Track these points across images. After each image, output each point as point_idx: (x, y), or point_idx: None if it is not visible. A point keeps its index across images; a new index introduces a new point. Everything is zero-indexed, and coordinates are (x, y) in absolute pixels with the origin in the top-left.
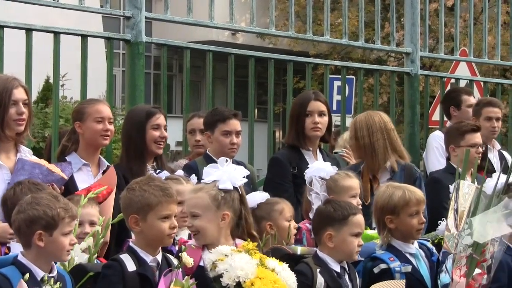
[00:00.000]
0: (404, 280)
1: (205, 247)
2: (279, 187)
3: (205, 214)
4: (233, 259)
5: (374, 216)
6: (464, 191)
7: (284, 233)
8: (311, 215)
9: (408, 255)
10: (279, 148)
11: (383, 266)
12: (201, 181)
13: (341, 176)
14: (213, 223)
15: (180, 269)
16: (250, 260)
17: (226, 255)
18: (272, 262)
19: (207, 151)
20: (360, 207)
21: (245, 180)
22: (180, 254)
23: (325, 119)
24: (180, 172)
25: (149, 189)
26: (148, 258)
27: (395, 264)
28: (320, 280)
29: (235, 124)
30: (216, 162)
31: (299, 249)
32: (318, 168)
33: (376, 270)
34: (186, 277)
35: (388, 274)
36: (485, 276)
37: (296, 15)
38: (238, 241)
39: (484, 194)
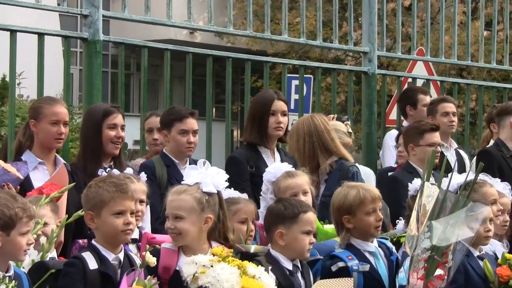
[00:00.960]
0: (352, 279)
1: (180, 249)
2: (237, 186)
3: (189, 216)
4: (215, 271)
5: (332, 217)
6: (427, 193)
7: (236, 233)
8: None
9: (367, 254)
10: (237, 147)
11: (341, 264)
12: (182, 182)
13: (283, 176)
14: (196, 226)
15: (143, 269)
16: (231, 269)
17: (205, 265)
18: (252, 268)
19: (164, 150)
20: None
21: (227, 184)
22: (143, 253)
23: (286, 119)
24: (129, 170)
25: (103, 185)
26: (110, 256)
27: (353, 263)
28: (272, 277)
29: (192, 123)
30: (172, 161)
31: (252, 248)
32: (268, 172)
33: (334, 268)
34: (149, 276)
35: (345, 273)
36: (445, 278)
37: (254, 14)
38: (214, 243)
39: (449, 196)
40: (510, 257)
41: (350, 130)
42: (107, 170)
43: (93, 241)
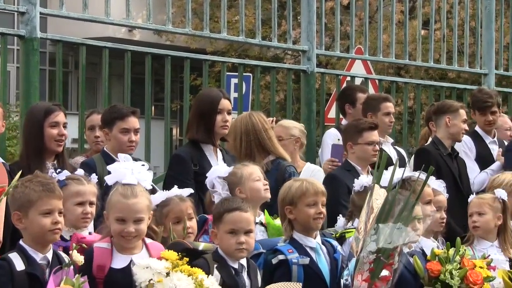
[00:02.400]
0: (300, 284)
1: (113, 247)
2: (181, 185)
3: (146, 217)
4: (173, 281)
5: (279, 209)
6: (376, 196)
7: (169, 235)
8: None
9: (308, 249)
10: (176, 145)
11: (281, 257)
12: (123, 181)
13: (238, 167)
14: (147, 225)
15: (72, 267)
16: (187, 281)
17: (160, 273)
18: (207, 280)
19: (105, 148)
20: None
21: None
22: (70, 252)
23: (231, 117)
24: (80, 172)
25: (30, 185)
26: (37, 256)
27: (293, 256)
28: (216, 276)
29: (134, 121)
30: (113, 160)
31: (202, 245)
32: (214, 170)
33: (274, 261)
34: (77, 275)
35: (285, 265)
36: (390, 280)
37: (193, 12)
38: (147, 240)
39: (399, 200)
40: (440, 252)
41: (304, 130)
42: (57, 171)
43: (20, 242)
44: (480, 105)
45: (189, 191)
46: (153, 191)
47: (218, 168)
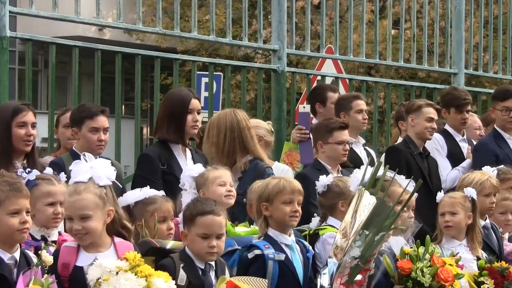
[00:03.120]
0: (266, 280)
1: (80, 246)
2: (150, 184)
3: (95, 214)
4: (119, 280)
5: (254, 205)
6: (364, 202)
7: (151, 235)
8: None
9: (283, 246)
10: (147, 144)
11: (257, 252)
12: (75, 180)
13: (208, 169)
14: (101, 222)
15: (40, 267)
16: (137, 281)
17: (111, 271)
18: (160, 282)
19: (74, 148)
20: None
21: (115, 172)
22: (39, 252)
23: (201, 117)
24: (49, 171)
25: None
26: (5, 256)
27: (269, 251)
28: (182, 275)
29: (103, 120)
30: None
31: (170, 244)
32: (188, 169)
33: (250, 255)
34: (46, 275)
35: (261, 260)
36: (364, 284)
37: (164, 11)
38: (116, 239)
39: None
40: (409, 251)
41: (272, 129)
42: (26, 171)
43: None
44: (458, 103)
45: (162, 192)
46: (122, 190)
47: (192, 168)
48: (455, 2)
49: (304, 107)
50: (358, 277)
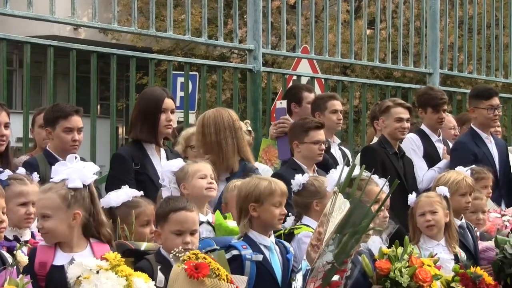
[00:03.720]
0: (246, 277)
1: (57, 245)
2: (122, 184)
3: (55, 214)
4: (99, 279)
5: (237, 204)
6: (338, 205)
7: (140, 237)
8: None
9: (262, 247)
10: (122, 144)
11: (235, 252)
12: (50, 180)
13: (188, 163)
14: (64, 223)
15: (15, 267)
16: (117, 281)
17: (91, 270)
18: (140, 282)
19: (47, 147)
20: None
21: (95, 177)
22: (14, 252)
23: (175, 116)
24: (21, 170)
25: None
26: None
27: (247, 252)
28: (160, 277)
29: (77, 120)
30: (56, 159)
31: (144, 245)
32: (168, 164)
33: (228, 255)
34: (21, 275)
35: (238, 261)
36: (341, 285)
37: (139, 11)
38: (92, 240)
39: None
40: (388, 251)
41: (249, 129)
42: None
43: None
44: (435, 103)
45: (141, 192)
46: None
47: (171, 163)
48: (430, 2)
49: (281, 103)
50: (335, 277)
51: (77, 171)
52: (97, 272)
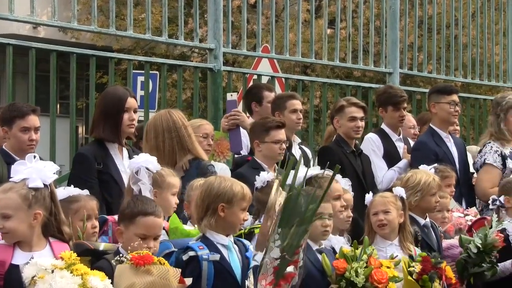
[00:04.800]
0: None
1: (16, 245)
2: (85, 184)
3: (16, 214)
4: (54, 278)
5: (203, 201)
6: (280, 199)
7: (76, 233)
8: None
9: (220, 246)
10: (82, 143)
11: (191, 253)
12: (10, 179)
13: (166, 172)
14: (24, 223)
15: None
16: (72, 279)
17: (46, 269)
18: (96, 280)
19: (4, 147)
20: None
21: (56, 176)
22: None
23: (137, 115)
24: None
25: None
26: None
27: (203, 252)
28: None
29: (34, 120)
30: (13, 158)
31: (102, 245)
32: (146, 160)
33: (184, 257)
34: None
35: (195, 261)
36: (296, 277)
37: (99, 10)
38: (52, 239)
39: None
40: (348, 251)
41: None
42: None
43: None
44: (396, 100)
45: (86, 191)
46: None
47: (150, 160)
48: (390, 2)
49: (231, 95)
50: (290, 268)
51: (37, 170)
52: (52, 271)
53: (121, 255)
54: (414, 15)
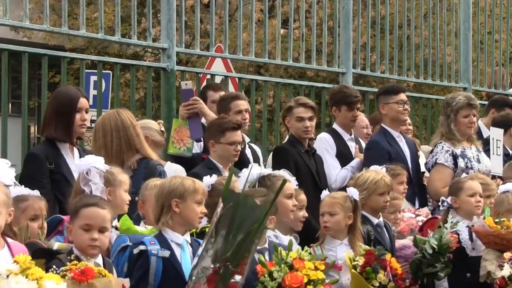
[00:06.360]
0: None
1: None
2: (36, 183)
3: (2, 211)
4: (9, 283)
5: (158, 201)
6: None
7: (23, 232)
8: None
9: (173, 244)
10: (34, 143)
11: (142, 247)
12: None
13: (116, 170)
14: (4, 220)
15: None
16: (28, 285)
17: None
18: (51, 284)
19: None
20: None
21: (14, 174)
22: None
23: (89, 115)
24: None
25: None
26: None
27: (153, 248)
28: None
29: None
30: None
31: (56, 245)
32: (95, 160)
33: (135, 251)
34: None
35: (145, 256)
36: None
37: (52, 9)
38: (9, 240)
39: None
40: (284, 253)
41: (162, 129)
42: None
43: None
44: (350, 100)
45: (35, 193)
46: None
47: (98, 160)
48: (343, 2)
49: (186, 84)
50: (237, 278)
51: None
52: (7, 276)
53: (61, 268)
54: (367, 15)
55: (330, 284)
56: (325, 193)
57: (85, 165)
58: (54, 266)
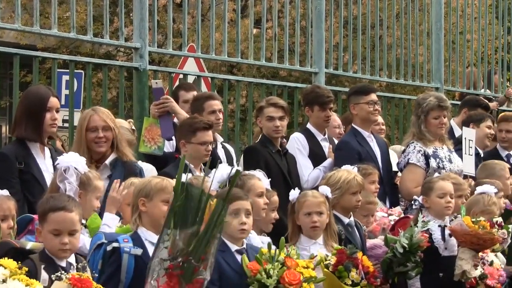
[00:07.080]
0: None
1: None
2: (6, 183)
3: None
4: (8, 287)
5: (131, 203)
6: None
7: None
8: None
9: (147, 243)
10: (6, 143)
11: (115, 244)
12: None
13: (94, 175)
14: None
15: None
16: None
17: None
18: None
19: None
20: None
21: None
22: None
23: (60, 115)
24: None
25: None
26: None
27: (126, 245)
28: (44, 276)
29: None
30: None
31: (29, 244)
32: (76, 160)
33: (108, 248)
34: None
35: (117, 253)
36: (204, 283)
37: (23, 8)
38: None
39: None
40: (266, 251)
41: (133, 127)
42: None
43: None
44: (322, 100)
45: (6, 192)
46: None
47: (79, 160)
48: (315, 2)
49: (156, 82)
50: (202, 274)
51: None
52: (3, 281)
53: (61, 272)
54: (339, 15)
55: (318, 282)
56: (294, 193)
57: (66, 162)
58: (58, 273)
